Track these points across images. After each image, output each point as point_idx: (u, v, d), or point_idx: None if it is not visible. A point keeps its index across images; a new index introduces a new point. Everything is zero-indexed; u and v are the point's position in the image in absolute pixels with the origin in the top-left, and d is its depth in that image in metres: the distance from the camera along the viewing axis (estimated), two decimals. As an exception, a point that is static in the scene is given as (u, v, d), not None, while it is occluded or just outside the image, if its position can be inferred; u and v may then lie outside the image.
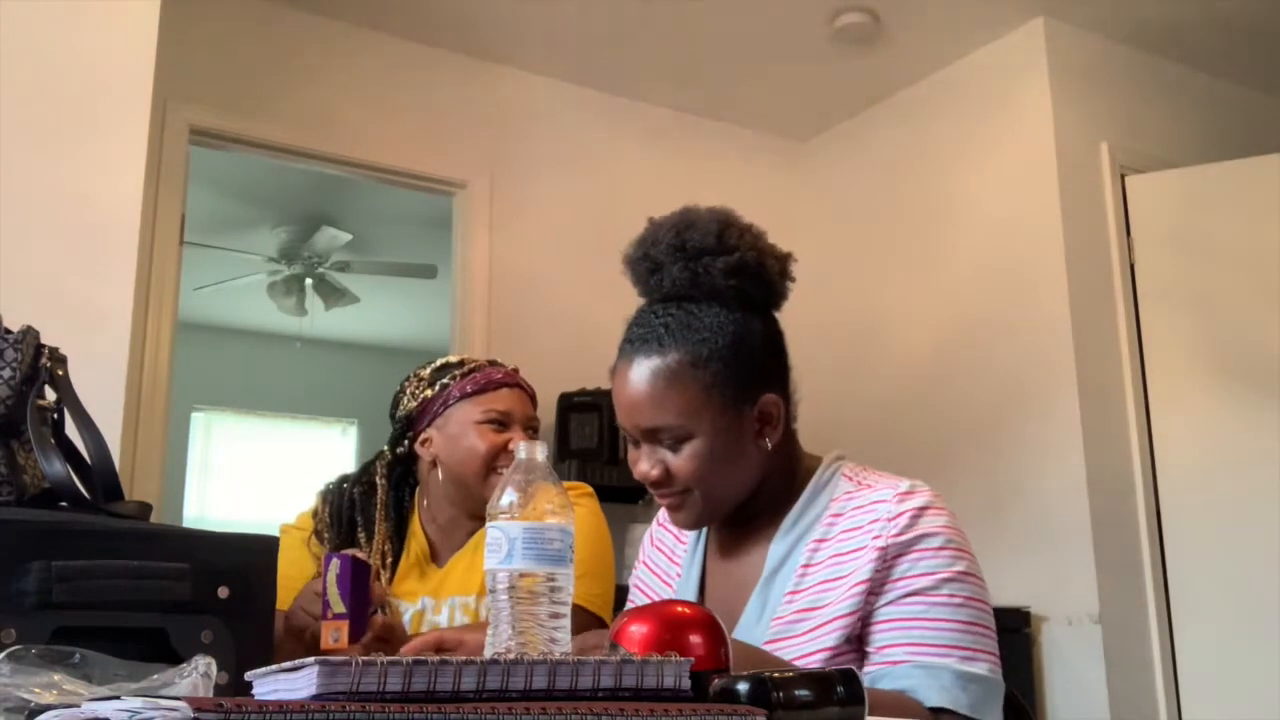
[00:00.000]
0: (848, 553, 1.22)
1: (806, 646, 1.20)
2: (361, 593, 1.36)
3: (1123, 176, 3.74)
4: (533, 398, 1.82)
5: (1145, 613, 3.42)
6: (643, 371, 1.24)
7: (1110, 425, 3.52)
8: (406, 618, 1.72)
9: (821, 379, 4.25)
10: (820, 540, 1.25)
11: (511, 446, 1.70)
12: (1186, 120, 4.00)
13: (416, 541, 1.80)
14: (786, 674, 0.76)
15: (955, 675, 1.15)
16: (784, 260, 1.30)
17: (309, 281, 5.96)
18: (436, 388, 1.78)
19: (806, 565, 1.24)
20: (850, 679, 0.77)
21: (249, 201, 5.37)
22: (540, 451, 0.93)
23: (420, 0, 3.64)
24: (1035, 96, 3.72)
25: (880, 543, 1.20)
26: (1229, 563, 3.39)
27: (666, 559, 1.46)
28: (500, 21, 3.76)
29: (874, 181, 4.32)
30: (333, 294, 6.02)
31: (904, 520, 1.20)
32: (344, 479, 1.84)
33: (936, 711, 1.15)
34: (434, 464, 1.78)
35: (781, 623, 1.22)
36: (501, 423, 1.74)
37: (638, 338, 1.26)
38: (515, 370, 1.84)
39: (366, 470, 1.84)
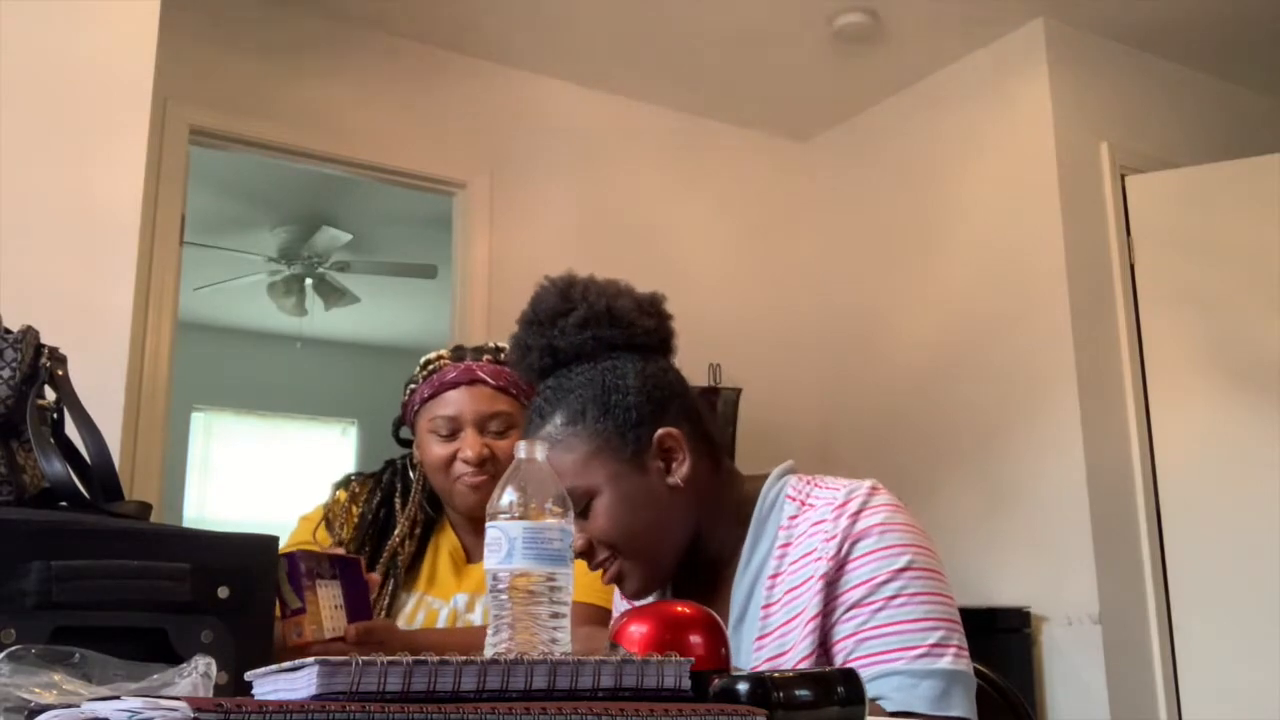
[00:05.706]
0: (800, 585, 1.18)
1: None
2: (357, 587, 1.37)
3: (1123, 176, 3.74)
4: (502, 387, 1.67)
5: (1145, 613, 3.42)
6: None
7: (1110, 424, 3.52)
8: (442, 615, 1.70)
9: (821, 379, 4.25)
10: (774, 576, 1.21)
11: (462, 456, 1.64)
12: (1186, 120, 4.00)
13: (448, 539, 1.77)
14: (787, 674, 0.76)
15: (905, 676, 1.11)
16: (642, 300, 1.30)
17: (309, 281, 5.96)
18: (407, 393, 1.74)
19: (767, 605, 1.20)
20: (850, 679, 0.77)
21: (249, 201, 5.37)
22: (540, 451, 0.93)
23: (420, 0, 3.64)
24: (1035, 97, 3.72)
25: (822, 567, 1.16)
26: (1229, 562, 3.39)
27: None
28: (500, 22, 3.76)
29: (874, 181, 4.32)
30: (333, 294, 6.02)
31: (840, 535, 1.16)
32: (385, 465, 1.82)
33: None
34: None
35: None
36: (450, 430, 1.65)
37: (527, 420, 1.28)
38: (486, 359, 1.69)
39: (405, 470, 1.80)
